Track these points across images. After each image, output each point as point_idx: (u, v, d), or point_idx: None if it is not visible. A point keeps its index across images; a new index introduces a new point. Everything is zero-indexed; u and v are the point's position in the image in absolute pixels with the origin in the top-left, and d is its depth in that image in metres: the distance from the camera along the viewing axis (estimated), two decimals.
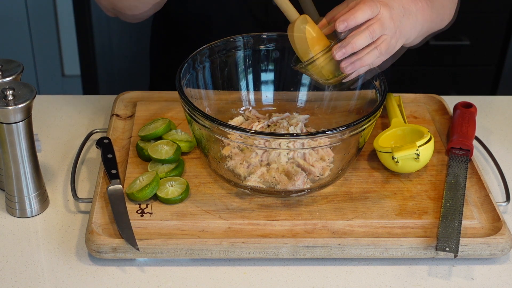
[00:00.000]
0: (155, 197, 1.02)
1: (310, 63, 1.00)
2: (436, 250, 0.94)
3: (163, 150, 1.07)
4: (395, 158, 1.04)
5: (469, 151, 1.12)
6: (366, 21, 0.98)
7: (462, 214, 0.99)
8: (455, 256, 0.95)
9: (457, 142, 1.12)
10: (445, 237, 0.95)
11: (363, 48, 0.97)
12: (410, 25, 1.04)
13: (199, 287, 0.93)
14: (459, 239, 0.95)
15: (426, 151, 1.06)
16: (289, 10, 1.02)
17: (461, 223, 0.98)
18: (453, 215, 0.99)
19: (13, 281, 0.93)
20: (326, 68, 1.00)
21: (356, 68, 0.98)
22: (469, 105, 1.22)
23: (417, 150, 1.04)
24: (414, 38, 1.08)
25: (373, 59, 0.98)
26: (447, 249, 0.94)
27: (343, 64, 0.98)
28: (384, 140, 1.11)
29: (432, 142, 1.07)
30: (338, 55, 0.97)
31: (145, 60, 1.60)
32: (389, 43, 0.99)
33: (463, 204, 1.01)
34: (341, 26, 0.97)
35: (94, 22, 2.51)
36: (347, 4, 1.03)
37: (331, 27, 1.03)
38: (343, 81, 1.02)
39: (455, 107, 1.22)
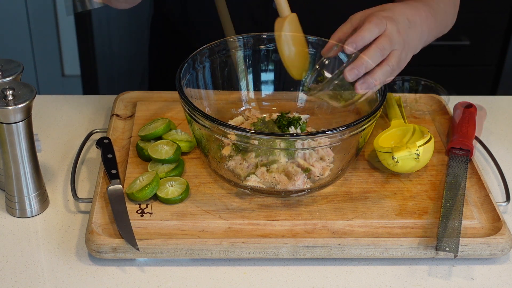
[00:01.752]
0: (155, 197, 1.02)
1: (321, 90, 1.00)
2: (436, 250, 0.94)
3: (163, 150, 1.07)
4: (395, 158, 1.04)
5: (469, 151, 1.12)
6: (374, 39, 0.97)
7: (462, 214, 0.99)
8: (455, 256, 0.95)
9: (457, 142, 1.12)
10: (445, 237, 0.95)
11: (375, 66, 0.97)
12: (416, 36, 1.04)
13: (199, 287, 0.93)
14: (459, 239, 0.95)
15: (426, 151, 1.06)
16: (283, 3, 1.01)
17: (461, 223, 0.98)
18: (453, 215, 0.99)
19: (13, 281, 0.93)
20: (339, 92, 1.00)
21: (370, 88, 0.98)
22: (469, 105, 1.22)
23: (417, 150, 1.04)
24: (420, 48, 1.08)
25: (386, 75, 0.98)
26: (447, 249, 0.94)
27: (357, 85, 0.97)
28: (384, 140, 1.11)
29: (432, 142, 1.07)
30: (351, 77, 0.96)
31: (145, 60, 1.60)
32: (399, 57, 0.99)
33: (463, 204, 1.01)
34: (350, 48, 0.97)
35: (94, 22, 2.51)
36: (350, 23, 1.02)
37: (338, 49, 1.03)
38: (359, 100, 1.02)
39: (455, 107, 1.22)
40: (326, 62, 1.09)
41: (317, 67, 1.09)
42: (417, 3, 1.10)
